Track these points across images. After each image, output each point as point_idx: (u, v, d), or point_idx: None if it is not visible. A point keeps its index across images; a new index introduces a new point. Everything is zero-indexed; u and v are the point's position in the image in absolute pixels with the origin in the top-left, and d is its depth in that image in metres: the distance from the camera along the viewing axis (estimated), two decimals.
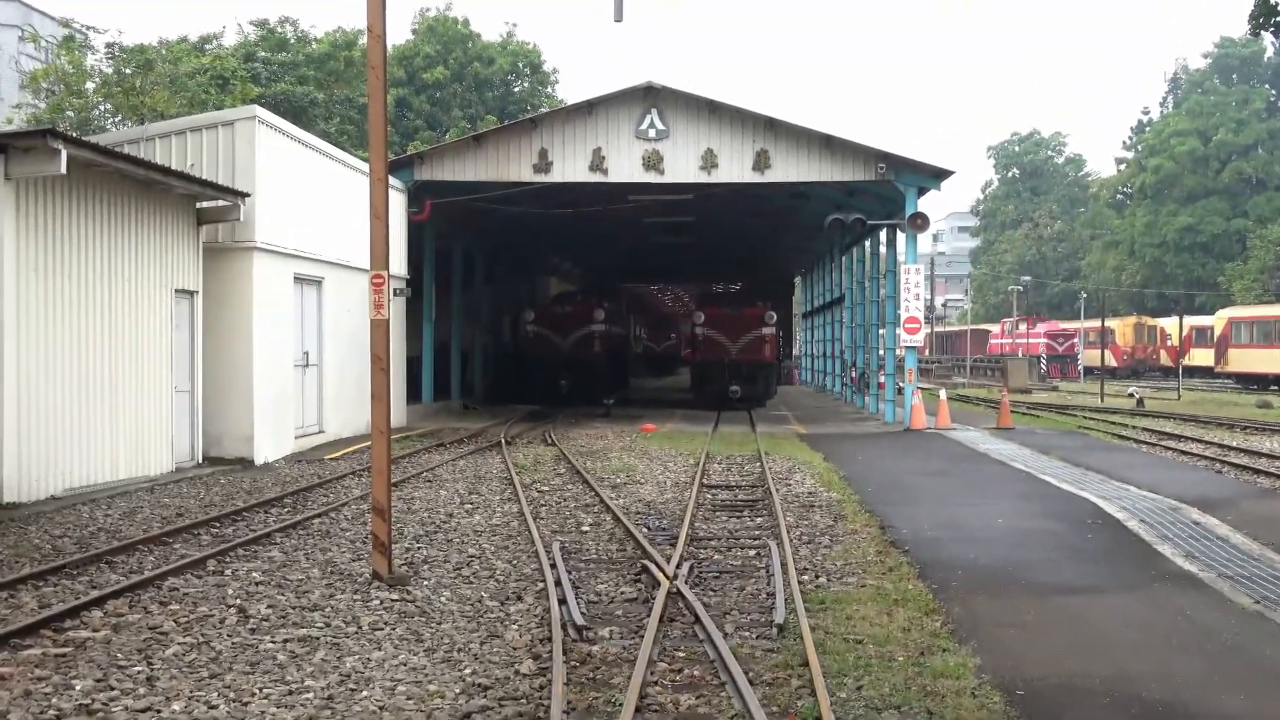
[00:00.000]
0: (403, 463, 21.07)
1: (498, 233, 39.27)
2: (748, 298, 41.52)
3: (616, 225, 42.57)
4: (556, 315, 39.63)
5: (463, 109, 59.96)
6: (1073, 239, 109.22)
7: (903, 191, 29.01)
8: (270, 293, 21.44)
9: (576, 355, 38.83)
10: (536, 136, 28.79)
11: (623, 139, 28.55)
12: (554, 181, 29.16)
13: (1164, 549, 12.57)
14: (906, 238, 29.51)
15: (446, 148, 29.77)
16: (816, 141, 28.53)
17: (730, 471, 20.10)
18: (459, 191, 30.77)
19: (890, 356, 32.82)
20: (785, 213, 40.53)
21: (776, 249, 53.53)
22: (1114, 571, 11.47)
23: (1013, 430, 28.51)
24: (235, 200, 19.94)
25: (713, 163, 28.46)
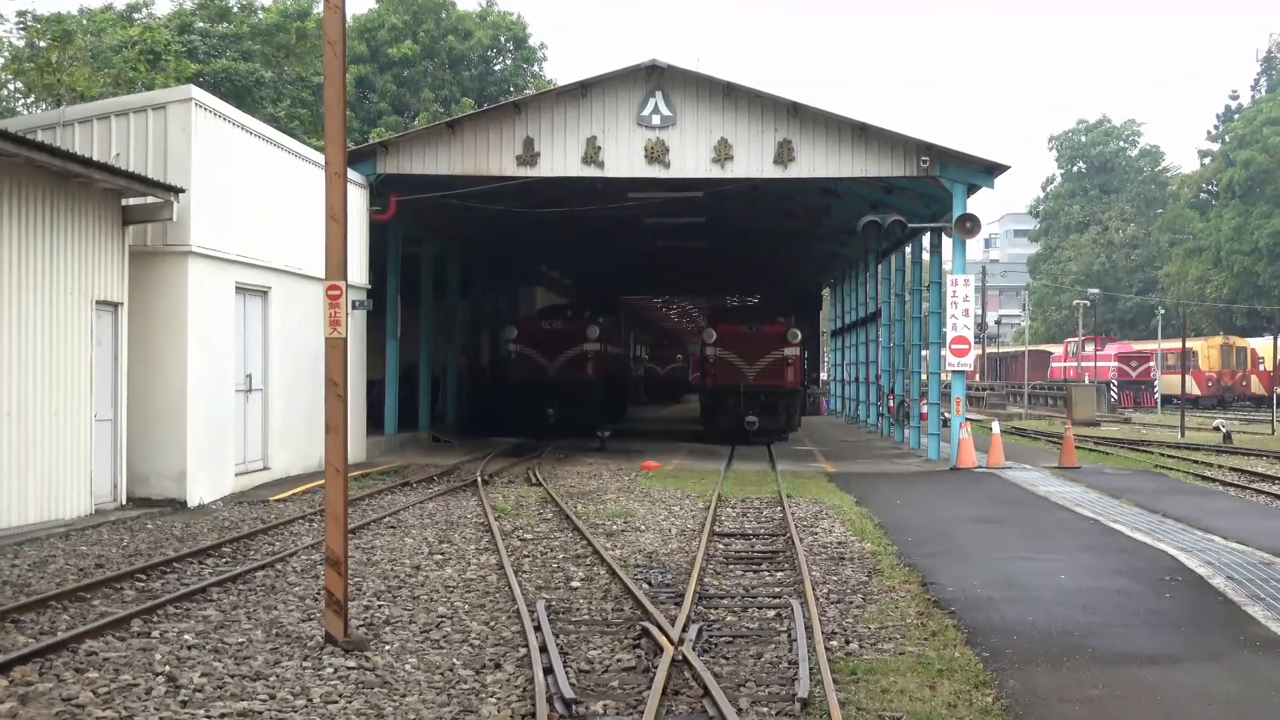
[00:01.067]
0: (362, 505, 21.07)
1: (475, 236, 39.40)
2: (767, 313, 41.62)
3: (614, 228, 42.74)
4: (543, 333, 39.73)
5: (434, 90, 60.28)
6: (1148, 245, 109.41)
7: (949, 189, 29.14)
8: (208, 305, 21.50)
9: (566, 379, 38.91)
10: (521, 123, 28.94)
11: (622, 127, 28.70)
12: (541, 176, 29.29)
13: (1255, 611, 12.57)
14: (954, 243, 29.61)
15: (415, 136, 29.91)
16: (848, 130, 28.69)
17: (746, 517, 20.09)
18: (430, 187, 30.88)
19: (934, 382, 32.84)
20: (811, 213, 40.68)
21: (801, 256, 53.70)
22: (1196, 638, 11.47)
23: (1078, 470, 28.51)
24: (167, 197, 20.03)
25: (727, 155, 28.59)
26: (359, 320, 28.25)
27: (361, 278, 28.62)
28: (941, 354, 31.58)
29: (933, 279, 34.83)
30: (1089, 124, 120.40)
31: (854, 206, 36.57)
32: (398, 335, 33.37)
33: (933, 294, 33.12)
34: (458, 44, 61.57)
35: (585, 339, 39.62)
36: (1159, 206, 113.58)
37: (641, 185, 31.80)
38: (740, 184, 30.42)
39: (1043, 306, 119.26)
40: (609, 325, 44.94)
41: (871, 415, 45.38)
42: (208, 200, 21.26)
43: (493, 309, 47.26)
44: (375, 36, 61.68)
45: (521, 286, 51.99)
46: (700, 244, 47.49)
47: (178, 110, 20.88)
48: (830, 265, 55.96)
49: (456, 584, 14.20)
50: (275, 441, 24.44)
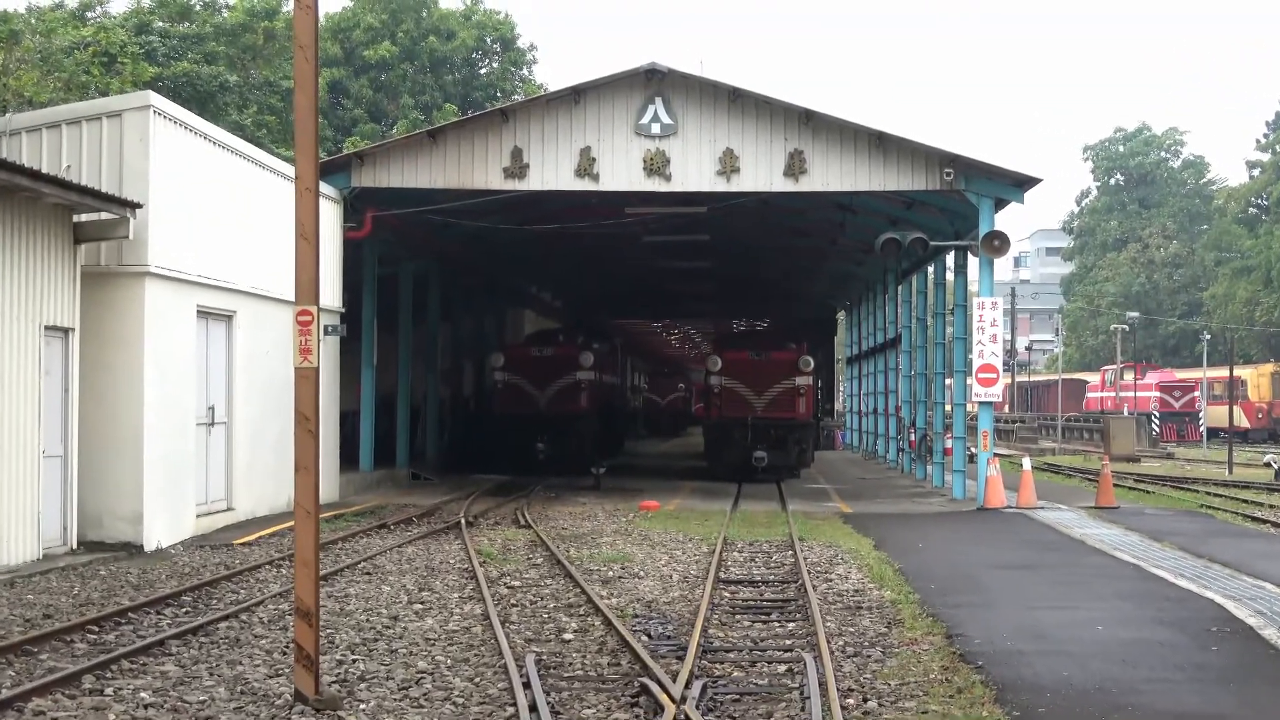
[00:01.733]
0: (335, 549, 21.06)
1: (458, 255, 39.49)
2: (777, 339, 41.68)
3: (610, 246, 42.80)
4: (532, 360, 39.79)
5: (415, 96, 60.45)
6: (1192, 264, 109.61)
7: (975, 204, 29.25)
8: (166, 330, 21.56)
9: (557, 411, 38.95)
10: (509, 132, 29.07)
11: (618, 136, 28.82)
12: (530, 190, 29.39)
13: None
14: (980, 263, 29.71)
15: (393, 145, 30.03)
16: (865, 140, 28.82)
17: (754, 562, 20.09)
18: (409, 202, 30.94)
19: (959, 414, 32.88)
20: (825, 230, 40.80)
21: (814, 277, 53.82)
22: (1246, 695, 11.48)
23: (1116, 510, 28.52)
24: (123, 213, 20.09)
25: (733, 166, 28.71)
26: (331, 347, 28.27)
27: (334, 301, 28.67)
28: (967, 383, 31.61)
29: (957, 302, 34.89)
30: (1127, 133, 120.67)
31: (871, 223, 36.68)
32: (374, 363, 33.42)
33: (957, 318, 33.19)
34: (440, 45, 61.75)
35: (578, 367, 39.67)
36: (1204, 222, 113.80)
37: (640, 200, 31.87)
38: (748, 198, 30.52)
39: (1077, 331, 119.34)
40: (604, 352, 44.96)
41: (891, 450, 45.40)
42: (167, 216, 21.32)
43: (477, 334, 47.32)
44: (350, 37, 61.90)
45: (509, 310, 52.08)
46: (704, 264, 47.60)
47: (134, 118, 20.96)
48: (846, 286, 56.07)
49: (438, 636, 14.20)
50: (240, 480, 24.45)
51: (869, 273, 47.93)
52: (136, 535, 20.65)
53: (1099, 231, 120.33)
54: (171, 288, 21.70)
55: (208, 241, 22.91)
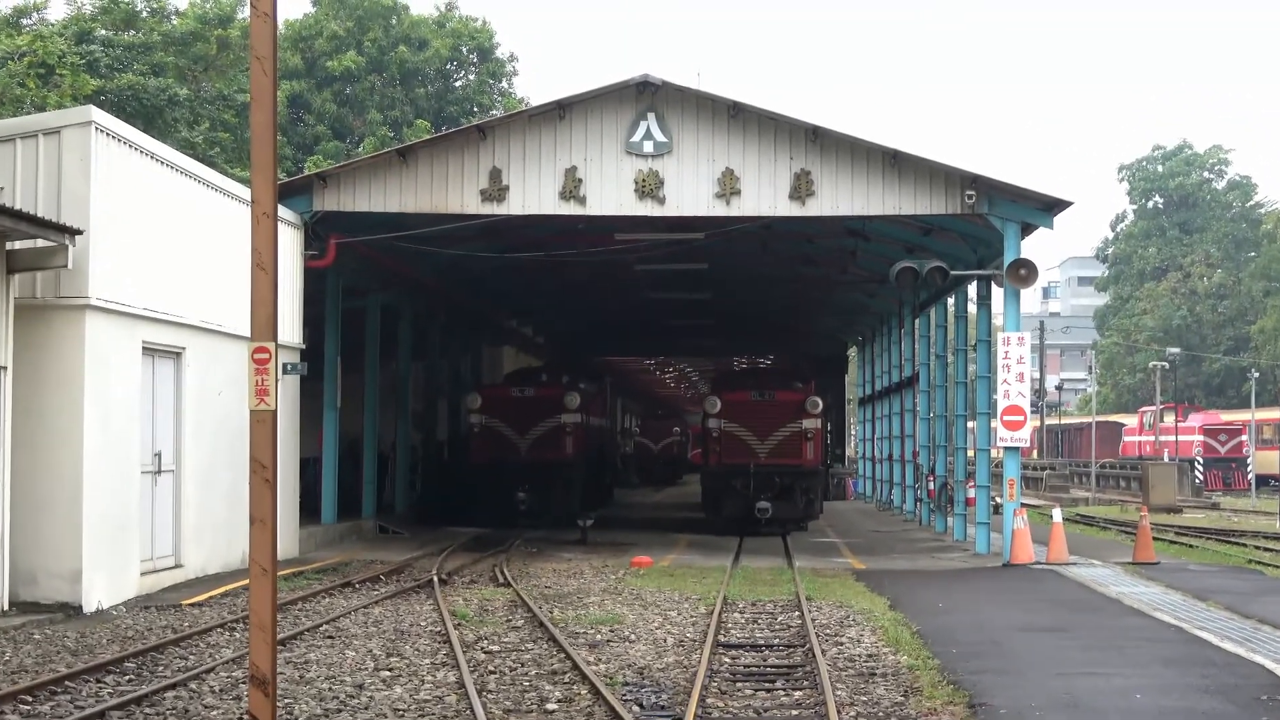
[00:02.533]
0: (294, 610, 21.02)
1: (431, 285, 39.56)
2: (783, 378, 41.72)
3: (598, 276, 42.91)
4: (512, 402, 39.80)
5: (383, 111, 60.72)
6: (1239, 295, 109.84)
7: (1000, 229, 29.38)
8: (109, 369, 21.57)
9: (540, 458, 38.93)
10: (486, 150, 29.18)
11: (608, 155, 28.95)
12: (511, 214, 29.45)
13: None
14: (1005, 294, 29.81)
15: (359, 166, 30.13)
16: (878, 159, 28.95)
17: (757, 624, 20.07)
18: (376, 228, 31.00)
19: (983, 460, 32.91)
20: (835, 259, 40.94)
21: (823, 310, 53.97)
22: None
23: (1156, 566, 28.53)
24: (61, 240, 20.11)
25: (733, 188, 28.83)
26: (291, 388, 28.27)
27: (294, 336, 28.69)
28: (991, 426, 31.66)
29: (980, 337, 35.02)
30: (1166, 151, 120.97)
31: (886, 250, 36.78)
32: (337, 405, 33.42)
33: (980, 354, 33.28)
34: (410, 56, 62.04)
35: (563, 409, 39.66)
36: (1251, 249, 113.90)
37: (631, 225, 31.94)
38: (749, 223, 30.61)
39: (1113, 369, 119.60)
40: (592, 392, 44.94)
41: (908, 500, 45.42)
42: (110, 244, 21.36)
43: (452, 373, 47.33)
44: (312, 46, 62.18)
45: (487, 346, 52.12)
46: (702, 295, 47.69)
47: (74, 135, 21.01)
48: (858, 320, 56.19)
49: (407, 707, 14.17)
50: (190, 533, 24.41)
51: (883, 305, 48.02)
52: (75, 595, 20.58)
53: (1136, 259, 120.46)
54: (114, 322, 21.72)
55: (155, 271, 22.94)
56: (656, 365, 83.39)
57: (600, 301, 51.56)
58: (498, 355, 53.85)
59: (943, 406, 38.99)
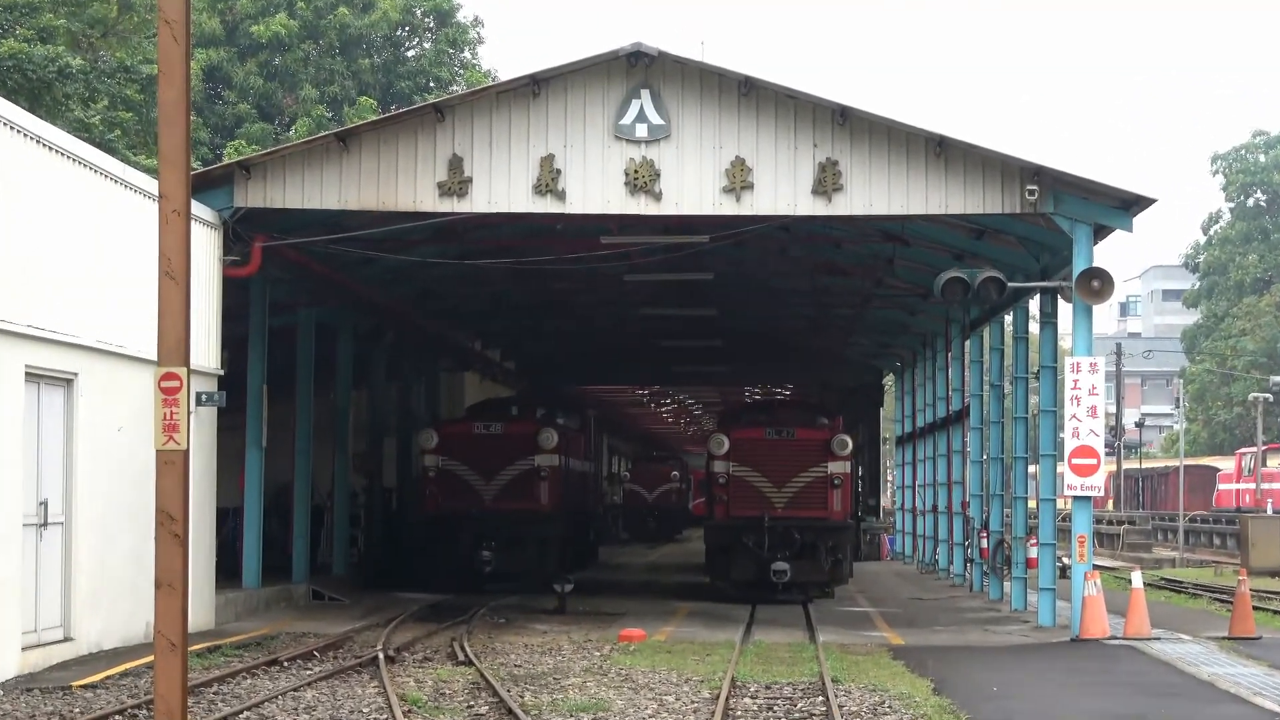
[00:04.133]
0: (208, 694, 20.93)
1: (377, 299, 39.47)
2: (804, 412, 41.65)
3: (581, 288, 42.87)
4: (476, 440, 39.72)
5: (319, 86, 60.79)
6: None
7: (1068, 232, 29.37)
8: None
9: (509, 508, 38.84)
10: (445, 134, 29.17)
11: (592, 141, 28.94)
12: (474, 212, 29.46)
13: None
14: (1074, 310, 29.80)
15: (291, 153, 30.06)
16: (921, 147, 28.95)
17: (773, 712, 19.99)
18: (311, 228, 30.97)
19: (1047, 513, 32.85)
20: (868, 268, 40.94)
21: (853, 329, 53.93)
22: None
23: (1257, 641, 28.45)
24: None
25: (744, 182, 28.83)
26: (206, 423, 28.19)
27: (211, 360, 28.63)
28: (1057, 471, 31.60)
29: (1044, 362, 34.96)
30: (1270, 138, 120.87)
31: (929, 257, 36.77)
32: (263, 444, 33.31)
33: (1044, 384, 33.23)
34: (353, 20, 62.12)
35: (537, 449, 39.56)
36: None
37: (621, 226, 31.94)
38: (764, 224, 30.59)
39: (1204, 402, 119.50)
40: (572, 429, 44.86)
41: (956, 560, 45.31)
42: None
43: (402, 405, 47.24)
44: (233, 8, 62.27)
45: (445, 372, 52.04)
46: (706, 312, 47.67)
47: None
48: (895, 342, 56.15)
49: None
50: (83, 600, 24.31)
51: (926, 324, 48.00)
52: None
53: (1233, 269, 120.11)
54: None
55: (41, 281, 22.88)
56: (651, 397, 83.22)
57: (583, 319, 51.52)
58: (458, 384, 53.76)
59: (998, 447, 38.99)
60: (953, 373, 46.07)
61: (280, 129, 59.60)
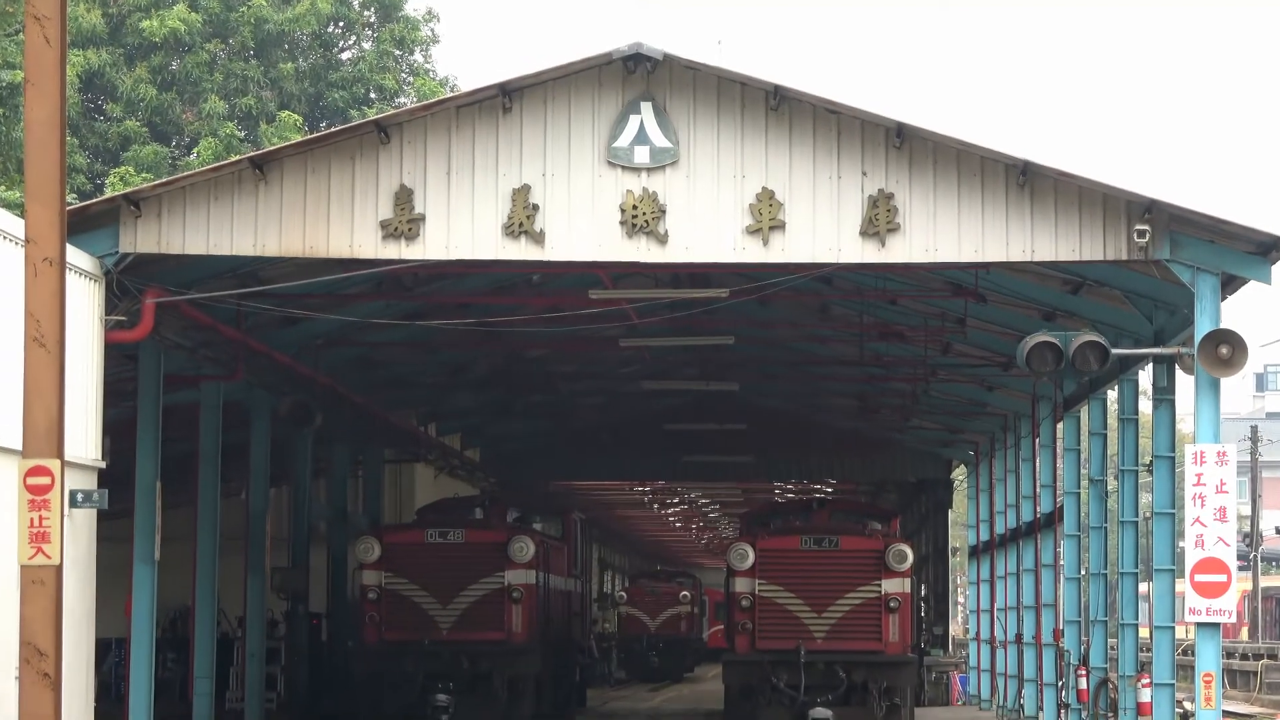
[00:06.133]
0: None
1: (303, 371, 39.34)
2: (850, 515, 41.60)
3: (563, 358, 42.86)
4: (430, 552, 39.52)
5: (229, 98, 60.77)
6: None
7: (1188, 285, 29.29)
8: None
9: (472, 640, 38.65)
10: (391, 160, 29.02)
11: (579, 168, 28.77)
12: (428, 260, 29.30)
13: None
14: (1197, 385, 29.70)
15: (193, 184, 29.83)
16: (999, 177, 28.78)
17: None
18: (220, 281, 30.86)
19: (1164, 644, 32.72)
20: (932, 330, 40.86)
21: (912, 410, 53.87)
22: None
23: None
24: None
25: (773, 220, 28.69)
26: (84, 530, 28.05)
27: (90, 449, 28.49)
28: (1177, 590, 31.54)
29: (1157, 452, 34.90)
30: None
31: (1011, 318, 36.72)
32: (155, 557, 33.19)
33: (1159, 479, 33.17)
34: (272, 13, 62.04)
35: (507, 563, 39.34)
36: None
37: (615, 277, 31.91)
38: (800, 275, 30.57)
39: None
40: (552, 538, 44.74)
41: (1047, 705, 45.12)
42: None
43: (335, 507, 47.15)
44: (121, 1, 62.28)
45: (391, 464, 51.96)
46: (726, 386, 47.69)
47: None
48: (967, 426, 56.04)
49: None
50: None
51: (1007, 402, 47.96)
52: None
53: None
54: None
55: None
56: (654, 495, 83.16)
57: (566, 397, 51.52)
58: (407, 479, 53.70)
59: (1100, 560, 38.88)
60: (1042, 465, 46.00)
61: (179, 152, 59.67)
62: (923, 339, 42.10)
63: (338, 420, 44.62)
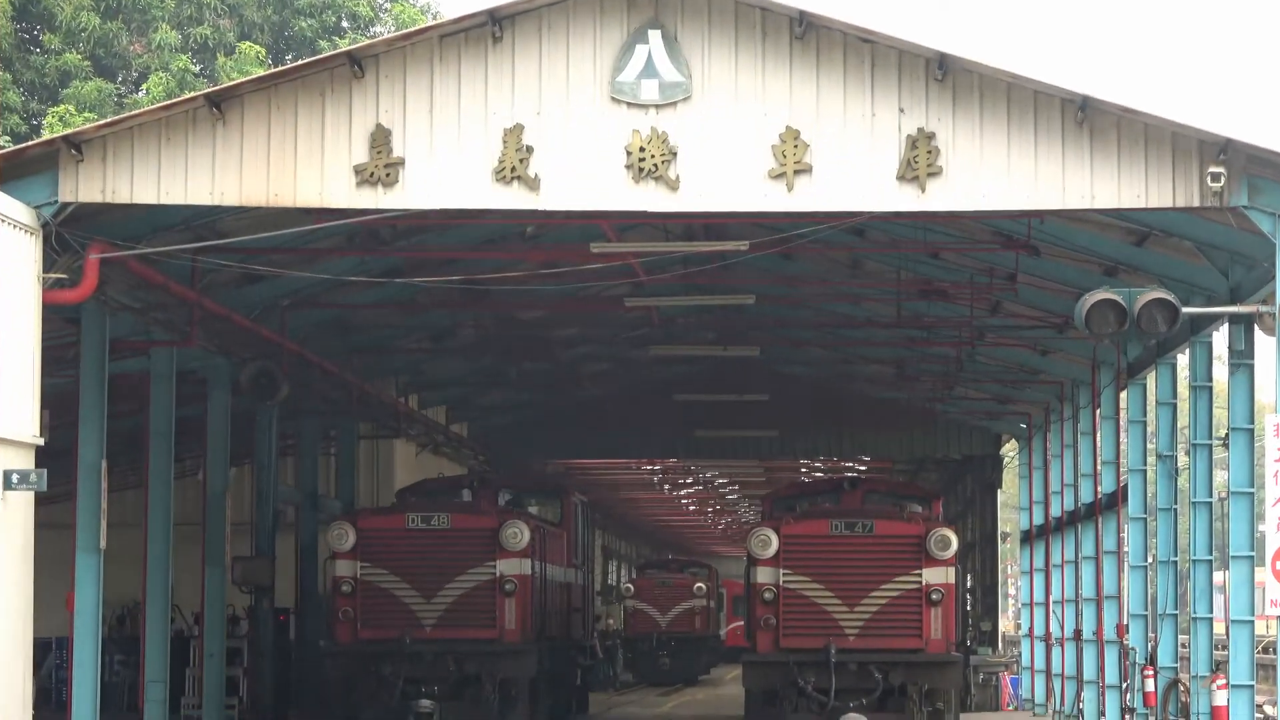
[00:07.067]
0: None
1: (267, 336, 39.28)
2: (886, 496, 41.56)
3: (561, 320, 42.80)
4: (411, 539, 39.47)
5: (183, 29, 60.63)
6: None
7: (1269, 235, 29.20)
8: None
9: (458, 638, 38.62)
10: (366, 98, 28.98)
11: (579, 104, 28.73)
12: (408, 209, 29.34)
13: None
14: (1278, 348, 29.65)
15: (142, 124, 29.87)
16: (1055, 113, 28.68)
17: None
18: (173, 234, 30.87)
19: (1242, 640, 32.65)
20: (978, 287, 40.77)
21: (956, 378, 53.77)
22: None
23: None
24: None
25: (799, 163, 28.61)
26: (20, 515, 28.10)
27: (27, 425, 28.53)
28: (1256, 580, 31.50)
29: (1233, 424, 34.80)
30: None
31: (1067, 273, 36.66)
32: (101, 545, 33.19)
33: (1235, 454, 33.09)
34: None
35: (499, 551, 39.31)
36: None
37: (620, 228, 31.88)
38: (829, 225, 30.53)
39: None
40: (549, 523, 44.73)
41: (1110, 711, 45.14)
42: None
43: (305, 488, 47.14)
44: None
45: (367, 440, 51.93)
46: (745, 351, 47.64)
47: None
48: (1019, 396, 56.03)
49: None
50: None
51: (1063, 368, 47.96)
52: None
53: None
54: None
55: None
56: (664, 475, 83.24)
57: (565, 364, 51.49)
58: (385, 457, 53.70)
59: (1169, 546, 38.77)
60: (1103, 439, 45.95)
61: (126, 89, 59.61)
62: (968, 297, 42.03)
63: (307, 391, 44.63)
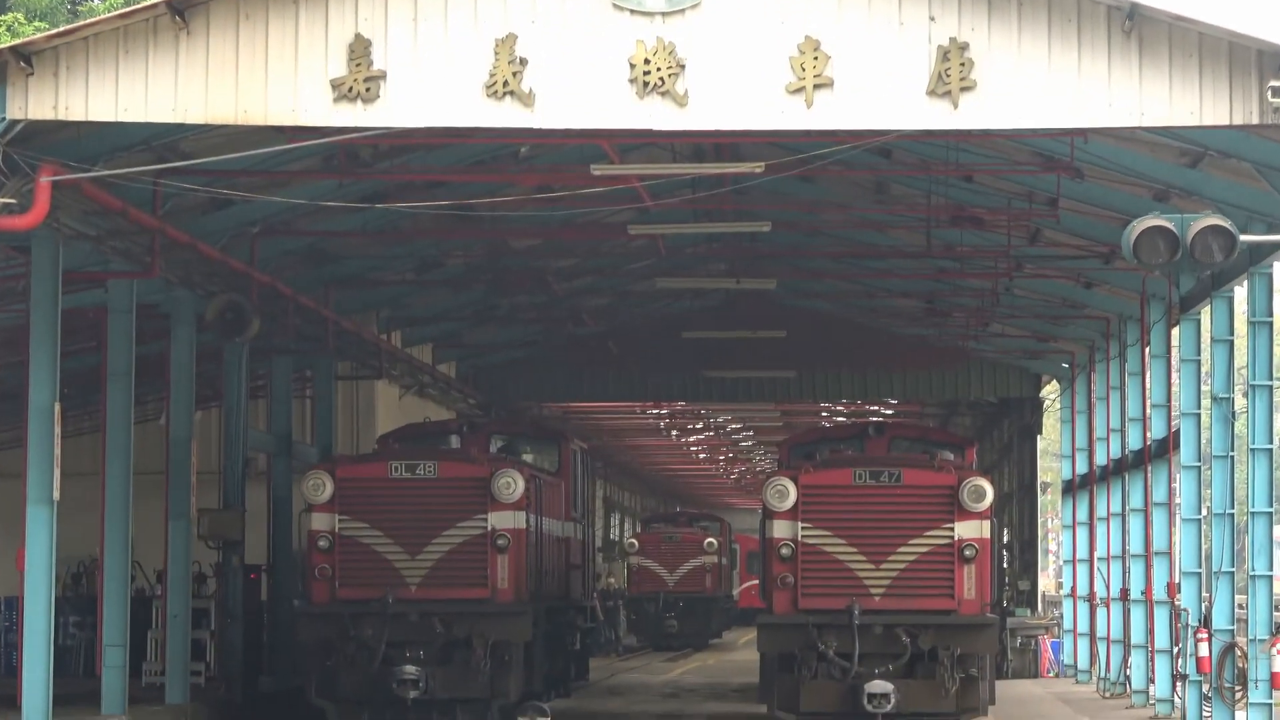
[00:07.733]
0: None
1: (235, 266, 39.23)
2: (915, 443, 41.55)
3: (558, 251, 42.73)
4: (394, 490, 39.40)
5: None
6: None
7: None
8: None
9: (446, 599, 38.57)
10: (344, 4, 28.83)
11: (577, 10, 28.62)
12: (390, 128, 29.31)
13: None
14: None
15: (98, 34, 29.75)
16: (1100, 21, 28.54)
17: None
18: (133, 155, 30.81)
19: None
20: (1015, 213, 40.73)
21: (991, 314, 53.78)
22: None
23: None
24: None
25: (819, 76, 28.52)
26: None
27: None
28: None
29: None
30: None
31: (1113, 197, 36.59)
32: (54, 497, 33.17)
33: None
34: None
35: (491, 503, 39.21)
36: None
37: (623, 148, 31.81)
38: (852, 146, 30.45)
39: None
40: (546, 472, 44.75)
41: (1161, 677, 45.12)
42: None
43: (278, 433, 47.13)
44: None
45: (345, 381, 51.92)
46: (760, 284, 47.57)
47: None
48: (1060, 333, 56.06)
49: None
50: None
51: (1109, 302, 47.93)
52: None
53: None
54: None
55: None
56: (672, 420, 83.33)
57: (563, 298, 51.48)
58: (365, 399, 53.75)
59: (1225, 498, 38.66)
60: (1153, 380, 45.90)
61: None
62: (1005, 225, 41.97)
63: (279, 327, 44.57)
